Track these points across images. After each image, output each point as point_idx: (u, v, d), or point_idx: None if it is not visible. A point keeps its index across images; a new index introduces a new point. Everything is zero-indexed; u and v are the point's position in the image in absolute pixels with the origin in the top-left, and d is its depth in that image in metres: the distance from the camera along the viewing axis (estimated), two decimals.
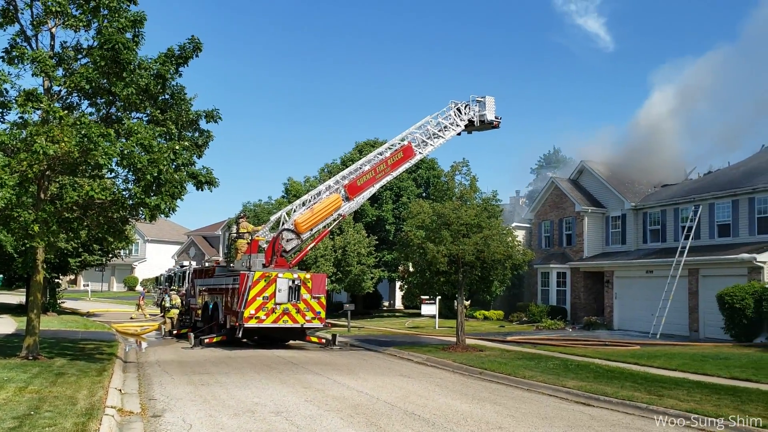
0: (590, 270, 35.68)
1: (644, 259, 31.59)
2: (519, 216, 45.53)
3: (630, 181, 37.13)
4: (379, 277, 40.19)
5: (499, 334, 29.03)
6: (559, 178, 40.30)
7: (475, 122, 28.48)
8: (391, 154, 26.57)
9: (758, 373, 15.49)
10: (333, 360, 20.09)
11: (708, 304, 27.14)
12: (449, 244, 21.77)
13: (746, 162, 34.76)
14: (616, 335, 29.10)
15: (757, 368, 16.32)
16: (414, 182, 43.04)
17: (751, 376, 15.26)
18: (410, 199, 36.64)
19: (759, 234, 27.52)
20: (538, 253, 39.26)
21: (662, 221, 33.09)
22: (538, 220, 41.14)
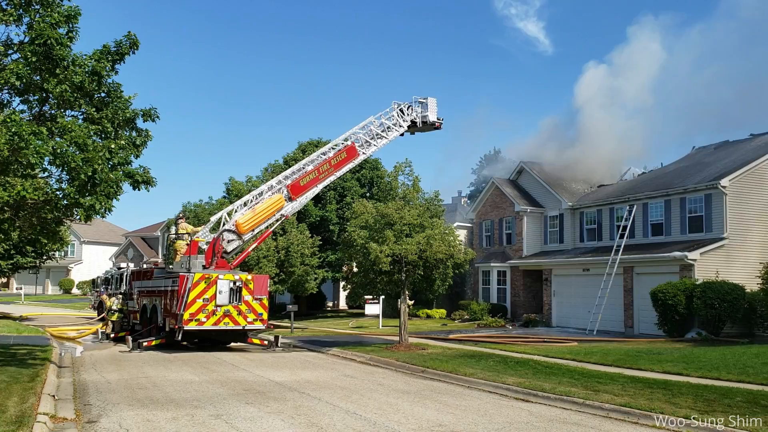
0: (529, 268, 36.40)
1: (581, 258, 32.43)
2: (461, 216, 46.08)
3: (568, 182, 38.03)
4: (322, 277, 40.04)
5: (441, 333, 29.28)
6: (499, 179, 40.96)
7: (418, 123, 28.69)
8: (334, 154, 26.51)
9: (688, 367, 16.08)
10: (275, 362, 19.91)
11: (642, 300, 28.03)
12: (392, 244, 21.86)
13: (678, 163, 36.09)
14: (555, 332, 29.77)
15: (688, 362, 16.94)
16: (358, 182, 43.04)
17: (681, 370, 15.83)
18: (354, 199, 36.60)
19: (690, 233, 28.58)
20: (479, 252, 39.83)
21: (598, 220, 34.02)
22: (479, 219, 41.73)
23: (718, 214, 27.31)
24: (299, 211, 33.85)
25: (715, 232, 27.28)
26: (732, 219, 27.03)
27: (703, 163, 32.56)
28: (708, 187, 27.61)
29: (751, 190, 27.70)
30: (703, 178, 28.99)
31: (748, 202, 27.58)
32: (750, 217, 27.52)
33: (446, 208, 39.89)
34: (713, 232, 27.39)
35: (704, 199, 27.99)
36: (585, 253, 33.03)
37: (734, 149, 32.49)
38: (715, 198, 27.48)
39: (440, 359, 18.98)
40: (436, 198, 25.10)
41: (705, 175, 29.44)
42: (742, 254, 26.96)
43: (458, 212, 47.37)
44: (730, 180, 27.11)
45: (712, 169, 30.13)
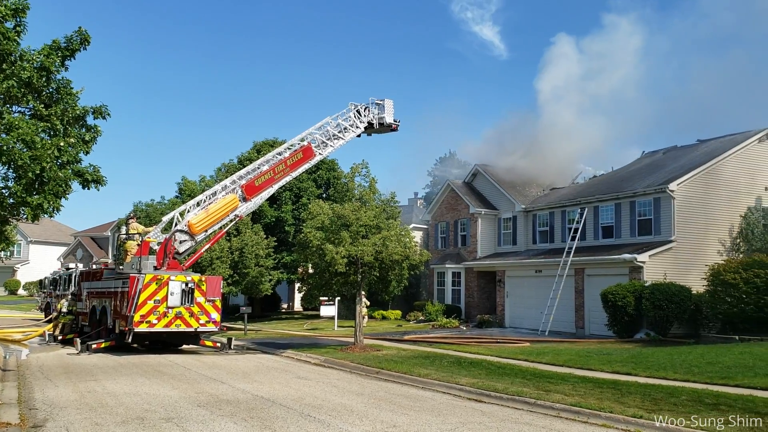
0: (483, 270, 36.79)
1: (534, 259, 32.93)
2: (417, 217, 46.29)
3: (521, 185, 38.57)
4: (277, 279, 39.74)
5: (396, 334, 29.37)
6: (454, 182, 41.29)
7: (375, 124, 28.75)
8: (290, 155, 26.36)
9: (637, 367, 16.48)
10: (228, 364, 19.69)
11: (593, 302, 28.61)
12: (348, 245, 21.83)
13: (628, 167, 36.95)
14: (508, 332, 30.15)
15: (636, 362, 17.36)
16: (314, 183, 42.84)
17: (630, 370, 16.22)
18: (310, 200, 36.40)
19: (639, 235, 29.28)
20: (435, 254, 40.09)
21: (551, 223, 34.60)
22: (434, 221, 41.99)
23: (666, 218, 28.06)
24: (254, 211, 33.51)
25: (664, 235, 28.02)
26: (680, 222, 27.80)
27: (652, 167, 33.41)
28: (657, 191, 28.35)
29: (698, 195, 28.54)
30: (652, 182, 29.74)
31: (695, 206, 28.40)
32: (697, 220, 28.34)
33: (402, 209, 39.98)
34: (662, 234, 28.14)
35: (653, 202, 28.72)
36: (538, 255, 33.56)
37: (682, 154, 33.43)
38: (663, 202, 28.22)
39: (395, 360, 19.03)
40: (392, 200, 25.12)
41: (654, 179, 30.22)
42: (689, 257, 27.75)
43: (414, 214, 47.59)
44: (678, 184, 27.87)
45: (660, 173, 30.95)
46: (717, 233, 28.71)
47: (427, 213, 43.10)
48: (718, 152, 29.92)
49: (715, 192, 28.90)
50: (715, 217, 28.74)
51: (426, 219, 43.37)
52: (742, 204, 29.25)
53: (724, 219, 28.92)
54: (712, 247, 28.42)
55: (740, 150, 29.83)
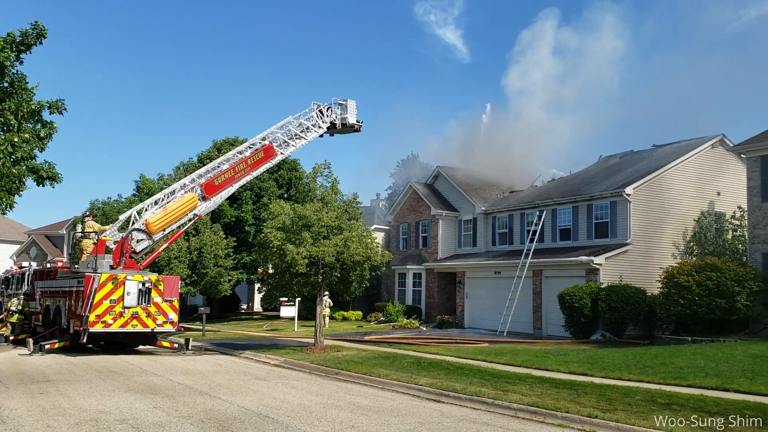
0: (444, 271, 37.04)
1: (493, 261, 33.27)
2: (378, 218, 46.38)
3: (482, 187, 38.94)
4: (237, 279, 39.39)
5: (357, 334, 29.42)
6: (416, 183, 41.48)
7: (337, 125, 28.73)
8: (251, 154, 26.16)
9: (593, 368, 16.77)
10: (185, 365, 19.43)
11: (550, 303, 29.03)
12: (310, 246, 21.77)
13: (586, 171, 37.63)
14: (467, 333, 30.40)
15: (592, 363, 17.66)
16: (275, 183, 42.59)
17: (586, 370, 16.50)
18: (271, 199, 36.14)
19: (596, 238, 29.82)
20: (396, 255, 40.22)
21: (510, 225, 35.01)
22: (396, 222, 42.12)
23: (622, 221, 28.63)
24: (214, 211, 33.17)
25: (620, 238, 28.59)
26: (635, 225, 28.39)
27: (609, 171, 34.08)
28: (613, 195, 28.91)
29: (653, 198, 29.19)
30: (609, 185, 30.33)
31: (651, 210, 29.05)
32: (652, 224, 28.99)
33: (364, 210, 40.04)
34: (618, 237, 28.70)
35: (610, 206, 29.28)
36: (497, 257, 33.91)
37: (638, 158, 34.19)
38: (620, 205, 28.79)
39: (355, 361, 19.03)
40: (354, 200, 25.16)
41: (611, 182, 30.82)
42: (644, 259, 28.37)
43: (376, 215, 47.68)
44: (634, 188, 28.46)
45: (617, 177, 31.58)
46: (671, 236, 29.42)
47: (389, 214, 43.22)
48: (673, 157, 30.67)
49: (669, 196, 29.58)
50: (670, 220, 29.44)
51: (388, 220, 43.48)
52: (695, 208, 30.03)
53: (679, 223, 29.64)
54: (666, 250, 29.10)
55: (694, 156, 30.63)
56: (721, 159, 31.23)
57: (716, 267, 23.73)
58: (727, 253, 28.40)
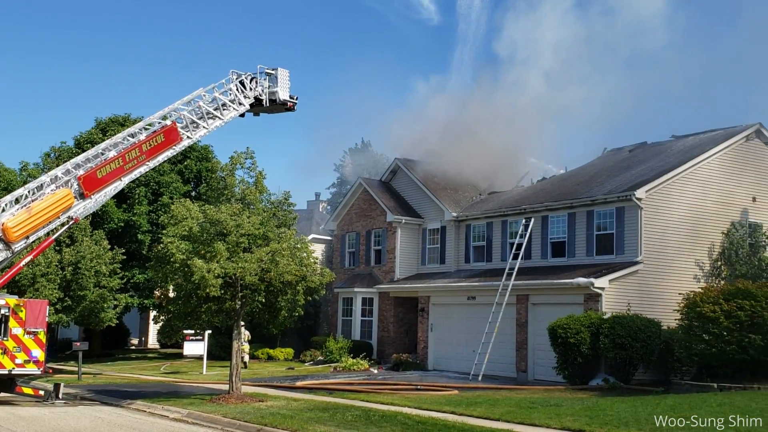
0: (402, 295, 37.10)
1: (466, 282, 33.47)
2: (318, 226, 46.27)
3: (453, 187, 39.18)
4: (126, 304, 38.74)
5: (287, 379, 29.22)
6: (368, 180, 41.57)
7: (264, 101, 28.53)
8: (147, 137, 25.75)
9: (592, 422, 16.94)
10: (54, 420, 19.04)
11: (539, 338, 29.33)
12: (225, 261, 21.62)
13: (585, 168, 38.14)
14: (431, 377, 30.45)
15: (592, 416, 17.84)
16: (180, 176, 42.08)
17: (584, 425, 16.64)
18: (174, 198, 35.68)
19: (598, 254, 30.21)
20: (341, 274, 40.10)
21: (488, 236, 35.27)
22: (341, 231, 42.01)
23: (631, 233, 29.06)
24: (96, 213, 32.52)
25: (628, 255, 29.04)
26: (648, 239, 28.83)
27: (615, 168, 34.61)
28: (620, 199, 29.36)
29: (671, 204, 29.71)
30: (614, 187, 30.81)
31: (668, 219, 29.53)
32: (669, 237, 29.47)
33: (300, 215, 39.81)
34: (625, 254, 29.16)
35: (615, 213, 29.74)
36: (471, 277, 34.12)
37: (653, 153, 34.79)
38: (628, 212, 29.24)
39: (283, 414, 18.89)
40: (286, 201, 25.03)
41: (617, 183, 31.31)
42: (658, 282, 28.83)
43: (315, 221, 47.56)
44: (647, 191, 28.92)
45: (625, 176, 32.09)
46: (694, 253, 30.00)
47: (332, 220, 43.13)
48: (697, 152, 31.30)
49: (692, 202, 30.20)
50: (692, 233, 30.01)
51: (330, 228, 43.37)
52: (725, 218, 30.68)
53: (703, 236, 30.25)
54: (687, 271, 29.67)
55: (724, 150, 31.30)
56: (757, 155, 32.11)
57: (750, 293, 24.23)
58: (764, 275, 29.07)
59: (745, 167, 31.78)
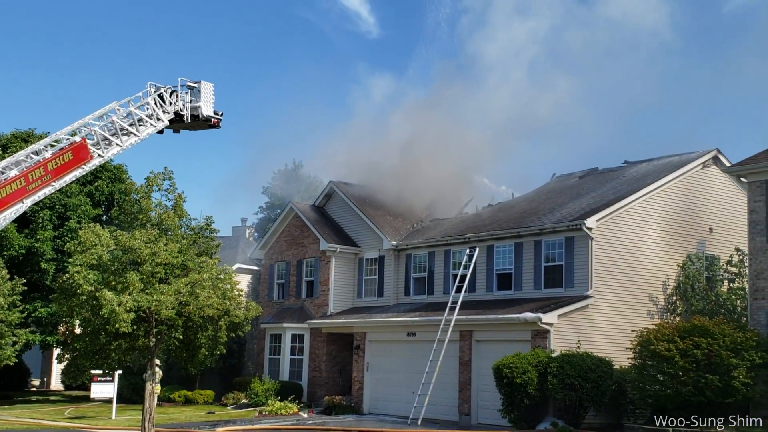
0: (336, 331, 36.99)
1: (406, 317, 33.47)
2: (244, 254, 45.95)
3: (393, 213, 39.27)
4: (26, 341, 37.88)
5: (206, 425, 28.99)
6: (300, 205, 41.46)
7: (186, 116, 28.45)
8: (53, 155, 25.46)
9: None
10: None
11: (483, 378, 29.46)
12: (138, 293, 21.44)
13: (534, 194, 38.64)
14: (367, 421, 30.36)
15: None
16: (89, 198, 41.51)
17: None
18: (82, 223, 35.13)
19: (546, 287, 30.53)
20: (268, 308, 39.84)
21: (430, 267, 35.41)
22: (270, 260, 41.78)
23: (581, 265, 29.41)
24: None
25: (578, 288, 29.39)
26: (599, 271, 29.19)
27: (565, 195, 35.13)
28: (570, 228, 29.71)
29: (623, 235, 30.17)
30: (564, 216, 31.23)
31: (620, 251, 29.96)
32: (622, 270, 29.85)
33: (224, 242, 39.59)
34: (575, 287, 29.50)
35: (565, 243, 30.11)
36: (411, 311, 34.17)
37: (604, 180, 35.42)
38: (578, 243, 29.63)
39: None
40: (208, 227, 24.89)
41: (567, 212, 31.74)
42: (610, 318, 29.17)
43: (241, 249, 47.24)
44: (597, 220, 29.29)
45: (576, 204, 32.56)
46: (648, 288, 30.48)
47: (259, 248, 42.91)
48: (650, 180, 31.90)
49: (645, 232, 30.71)
50: (646, 265, 30.50)
51: (258, 257, 43.13)
52: (680, 250, 31.22)
53: (658, 269, 30.76)
54: (640, 307, 30.09)
55: (679, 178, 31.92)
56: (715, 183, 32.71)
57: (707, 331, 24.63)
58: (722, 311, 29.51)
59: (702, 196, 32.37)
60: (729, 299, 30.35)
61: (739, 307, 29.74)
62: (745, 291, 28.56)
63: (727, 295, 30.54)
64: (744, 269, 29.39)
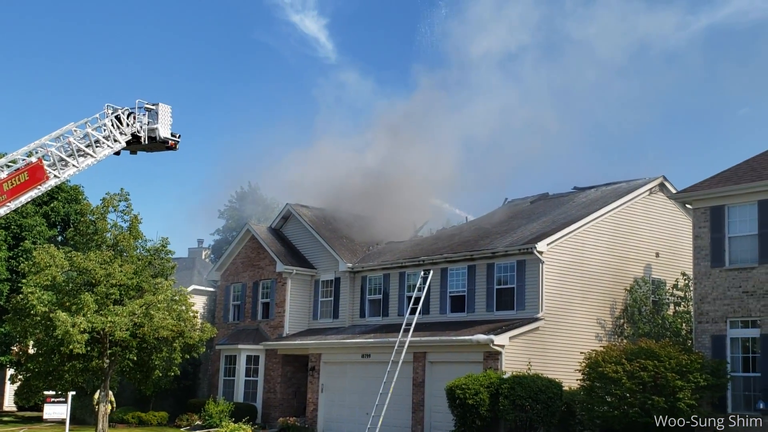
0: (292, 352, 36.90)
1: (360, 338, 33.51)
2: (200, 276, 45.73)
3: (350, 235, 39.36)
4: None
5: None
6: (257, 227, 41.36)
7: (143, 138, 28.26)
8: (9, 176, 25.09)
9: None
10: None
11: (436, 399, 29.51)
12: (92, 315, 21.36)
13: (486, 218, 39.02)
14: None
15: None
16: (45, 219, 41.03)
17: None
18: (37, 244, 34.72)
19: (498, 310, 30.73)
20: (224, 329, 39.67)
21: (385, 289, 35.53)
22: (226, 282, 41.59)
23: (532, 288, 29.70)
24: None
25: (529, 311, 29.65)
26: (549, 294, 29.50)
27: (517, 220, 35.49)
28: (521, 252, 30.03)
29: (573, 258, 30.55)
30: (515, 239, 31.53)
31: (570, 274, 30.33)
32: (571, 292, 30.23)
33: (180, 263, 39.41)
34: (526, 310, 29.77)
35: (516, 266, 30.37)
36: (366, 333, 34.22)
37: (555, 205, 35.86)
38: (529, 266, 29.92)
39: None
40: (163, 248, 24.87)
41: (518, 236, 32.06)
42: (560, 340, 29.51)
43: (197, 271, 47.03)
44: (548, 244, 29.66)
45: (527, 228, 32.93)
46: (596, 310, 30.89)
47: (215, 270, 42.72)
48: (599, 205, 32.45)
49: (594, 256, 31.15)
50: (595, 289, 30.94)
51: (214, 278, 42.95)
52: (628, 274, 31.72)
53: (606, 292, 31.20)
54: (589, 329, 30.50)
55: (627, 203, 32.46)
56: (661, 209, 33.29)
57: (653, 353, 24.92)
58: (668, 334, 29.95)
59: (649, 221, 32.92)
60: (675, 322, 30.80)
61: (684, 330, 30.20)
62: (691, 314, 29.00)
63: (672, 318, 31.01)
64: (689, 293, 29.81)
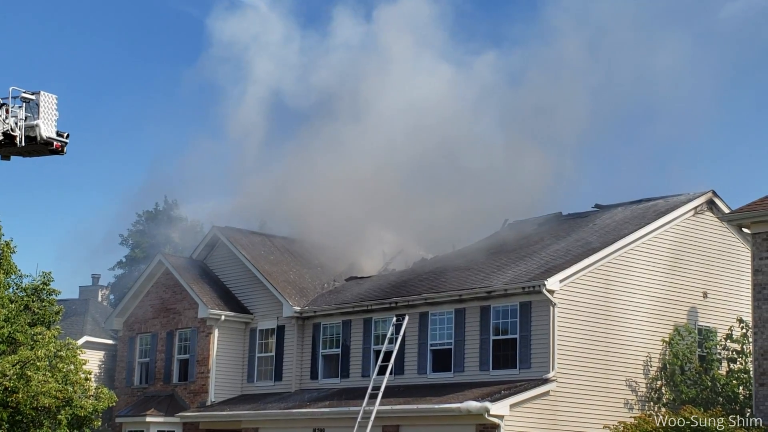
0: (219, 427, 36.61)
1: (311, 408, 33.13)
2: (96, 323, 45.22)
3: (297, 269, 39.01)
4: None
5: None
6: (173, 258, 41.02)
7: (19, 138, 27.88)
8: None
9: None
10: None
11: None
12: None
13: (481, 245, 38.62)
14: None
15: None
16: None
17: None
18: None
19: (496, 368, 30.38)
20: (127, 396, 39.17)
21: (344, 340, 35.11)
22: (130, 332, 41.10)
23: (540, 338, 29.35)
24: None
25: (536, 370, 29.36)
26: (563, 347, 29.14)
27: (520, 248, 35.21)
28: (525, 291, 29.68)
29: (594, 300, 30.27)
30: (518, 275, 31.23)
31: (591, 320, 30.04)
32: (592, 344, 29.93)
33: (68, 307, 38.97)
34: (532, 368, 29.48)
35: (519, 310, 30.04)
36: (320, 400, 33.85)
37: (569, 228, 35.54)
38: (536, 310, 29.58)
39: None
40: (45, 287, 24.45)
41: (522, 270, 31.75)
42: (577, 409, 29.09)
43: (90, 316, 46.60)
44: (561, 281, 29.30)
45: (533, 260, 32.63)
46: (625, 369, 30.60)
47: (116, 315, 42.18)
48: (628, 229, 32.03)
49: (622, 297, 30.85)
50: (623, 341, 30.63)
51: (114, 328, 42.40)
52: (666, 320, 31.42)
53: (638, 345, 30.88)
54: (616, 394, 30.19)
55: (664, 227, 32.15)
56: (709, 235, 32.99)
57: (701, 427, 24.77)
58: (720, 399, 29.71)
59: (694, 250, 32.56)
60: (729, 384, 30.31)
61: (742, 395, 29.80)
62: (749, 374, 28.59)
63: (726, 379, 30.50)
64: (748, 346, 29.47)
